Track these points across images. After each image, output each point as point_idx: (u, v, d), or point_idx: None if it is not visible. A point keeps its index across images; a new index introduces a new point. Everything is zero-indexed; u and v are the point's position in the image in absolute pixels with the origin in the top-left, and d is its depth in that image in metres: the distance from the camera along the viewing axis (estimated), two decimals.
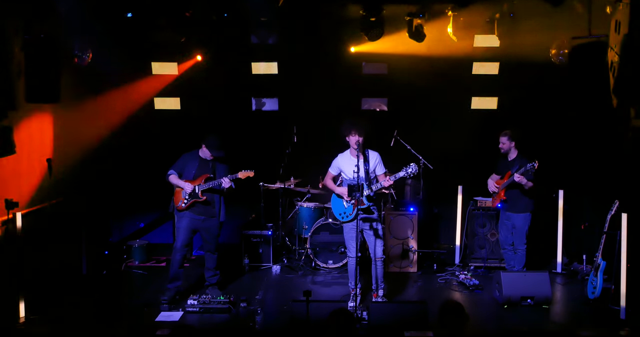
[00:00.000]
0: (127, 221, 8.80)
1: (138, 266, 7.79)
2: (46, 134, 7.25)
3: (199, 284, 6.78)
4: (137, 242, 8.07)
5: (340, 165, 6.13)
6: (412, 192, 8.09)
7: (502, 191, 6.78)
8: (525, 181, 6.44)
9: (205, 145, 6.30)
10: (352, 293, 6.13)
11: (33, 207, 6.58)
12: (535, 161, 6.22)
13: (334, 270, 7.51)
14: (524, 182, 6.44)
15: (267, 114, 8.81)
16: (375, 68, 8.53)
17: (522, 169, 6.40)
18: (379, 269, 6.10)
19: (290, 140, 7.80)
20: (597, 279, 6.11)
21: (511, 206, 6.77)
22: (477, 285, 6.83)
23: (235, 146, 6.61)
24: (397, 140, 7.65)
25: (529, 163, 6.28)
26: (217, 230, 6.43)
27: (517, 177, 6.44)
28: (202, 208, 6.32)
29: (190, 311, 5.95)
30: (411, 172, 5.71)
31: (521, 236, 6.76)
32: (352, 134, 5.88)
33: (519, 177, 6.44)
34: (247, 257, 7.65)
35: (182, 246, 6.33)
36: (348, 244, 6.14)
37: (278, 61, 8.40)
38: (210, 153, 6.31)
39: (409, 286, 7.05)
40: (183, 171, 6.36)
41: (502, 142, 6.76)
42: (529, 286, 6.19)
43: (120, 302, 6.37)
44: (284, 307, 6.13)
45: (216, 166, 6.39)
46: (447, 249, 8.08)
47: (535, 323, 5.84)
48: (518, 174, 6.44)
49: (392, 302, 6.19)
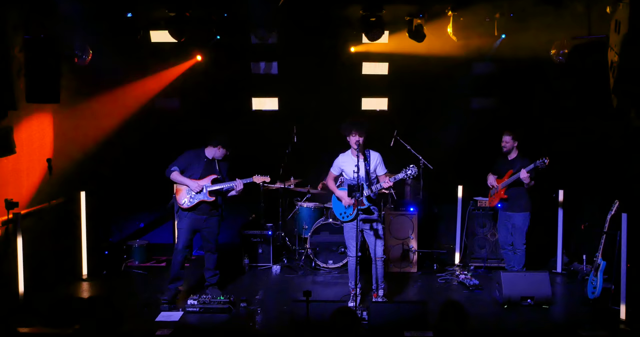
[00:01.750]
0: (127, 221, 8.79)
1: (138, 266, 7.79)
2: (46, 134, 7.26)
3: (199, 284, 6.78)
4: (137, 242, 8.07)
5: (342, 164, 6.12)
6: (412, 192, 8.09)
7: (502, 190, 6.77)
8: (528, 179, 6.41)
9: (222, 144, 6.25)
10: (352, 293, 6.13)
11: (33, 207, 6.58)
12: (546, 158, 6.21)
13: (334, 270, 7.51)
14: (528, 180, 6.42)
15: (267, 114, 8.81)
16: (375, 68, 8.53)
17: (531, 165, 6.36)
18: (379, 269, 6.10)
19: (290, 140, 7.80)
20: (597, 279, 6.11)
21: (511, 205, 6.77)
22: (477, 285, 6.83)
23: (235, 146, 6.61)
24: (397, 141, 7.65)
25: (538, 160, 6.26)
26: (217, 229, 6.42)
27: (524, 173, 6.40)
28: (206, 207, 6.28)
29: (190, 311, 5.95)
30: (411, 174, 5.72)
31: (521, 236, 6.76)
32: (353, 134, 5.87)
33: (525, 174, 6.40)
34: (247, 257, 7.66)
35: (184, 247, 6.31)
36: (348, 244, 6.14)
37: (278, 61, 8.41)
38: (226, 151, 6.28)
39: (409, 286, 7.05)
40: (187, 169, 6.28)
41: (505, 140, 6.74)
42: (529, 286, 6.18)
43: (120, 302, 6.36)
44: (284, 307, 6.14)
45: (220, 165, 6.38)
46: (447, 249, 8.08)
47: (535, 323, 5.84)
48: (526, 170, 6.41)
49: (392, 302, 6.18)
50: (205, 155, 6.34)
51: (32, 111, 6.76)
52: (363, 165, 5.79)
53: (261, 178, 6.25)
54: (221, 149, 6.29)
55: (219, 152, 6.30)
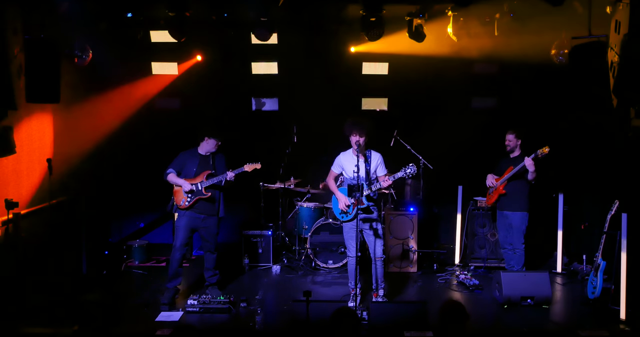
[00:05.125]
0: (127, 221, 8.81)
1: (138, 266, 7.79)
2: (46, 134, 7.26)
3: (199, 284, 6.78)
4: (137, 242, 8.08)
5: (342, 163, 6.12)
6: (412, 192, 8.09)
7: (501, 185, 6.75)
8: (533, 166, 6.40)
9: (208, 135, 6.25)
10: (352, 293, 6.13)
11: (33, 207, 6.58)
12: (546, 146, 6.25)
13: (334, 270, 7.52)
14: (533, 168, 6.41)
15: (267, 114, 8.81)
16: (375, 68, 8.53)
17: (532, 155, 6.38)
18: (379, 268, 6.10)
19: (290, 140, 7.80)
20: (597, 279, 6.11)
21: (508, 203, 6.77)
22: (477, 285, 6.83)
23: (235, 146, 6.61)
24: (397, 141, 7.65)
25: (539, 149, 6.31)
26: (216, 228, 6.42)
27: (529, 161, 6.40)
28: (204, 205, 6.29)
29: (190, 311, 5.95)
30: (410, 172, 5.71)
31: (519, 236, 6.76)
32: (353, 134, 5.88)
33: (530, 161, 6.40)
34: (247, 257, 7.66)
35: (182, 245, 6.32)
36: (348, 244, 6.14)
37: (278, 61, 8.41)
38: (217, 140, 6.26)
39: (409, 286, 7.05)
40: (182, 169, 6.33)
41: (508, 139, 6.75)
42: (529, 286, 6.19)
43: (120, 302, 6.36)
44: (284, 307, 6.14)
45: (215, 160, 6.38)
46: (447, 249, 8.08)
47: (535, 323, 5.84)
48: (530, 158, 6.40)
49: (392, 302, 6.19)
50: (198, 153, 6.36)
51: (32, 111, 6.75)
52: (363, 166, 5.80)
53: (252, 166, 6.25)
54: (210, 139, 6.28)
55: (210, 144, 6.29)
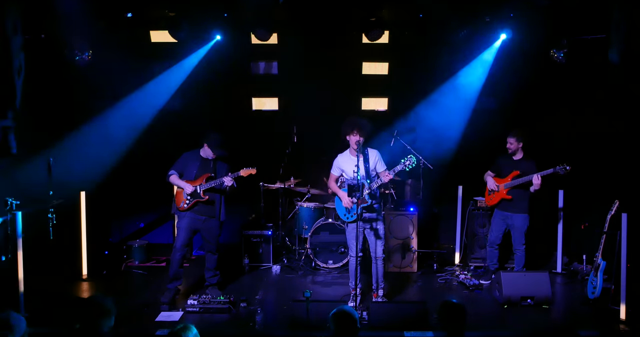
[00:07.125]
0: (127, 221, 8.80)
1: (138, 266, 7.79)
2: None
3: (199, 284, 6.78)
4: (137, 242, 8.07)
5: (341, 165, 6.11)
6: (412, 192, 8.09)
7: (506, 190, 6.70)
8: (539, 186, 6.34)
9: (208, 144, 6.28)
10: (352, 293, 6.13)
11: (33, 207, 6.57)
12: (568, 165, 6.17)
13: (334, 270, 7.51)
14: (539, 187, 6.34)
15: (267, 114, 8.81)
16: (375, 68, 8.53)
17: (549, 170, 6.29)
18: (379, 268, 6.10)
19: (290, 140, 7.80)
20: (597, 279, 6.11)
21: (513, 205, 6.72)
22: (477, 285, 6.83)
23: (235, 146, 6.61)
24: (397, 140, 7.65)
25: (558, 166, 6.22)
26: (217, 230, 6.43)
27: (538, 179, 6.34)
28: (204, 208, 6.31)
29: (190, 311, 5.95)
30: (409, 164, 5.67)
31: (520, 237, 6.74)
32: (354, 133, 5.86)
33: (538, 180, 6.33)
34: (247, 257, 7.65)
35: (182, 245, 6.32)
36: (350, 243, 6.14)
37: (278, 61, 8.41)
38: (213, 152, 6.29)
39: (409, 286, 7.05)
40: (184, 170, 6.34)
41: (510, 142, 6.69)
42: (529, 286, 6.19)
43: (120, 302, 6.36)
44: (284, 307, 6.14)
45: (217, 165, 6.38)
46: (447, 249, 8.08)
47: (535, 323, 5.84)
48: (541, 174, 6.33)
49: (392, 302, 6.19)
50: (200, 155, 6.37)
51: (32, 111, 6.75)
52: (363, 165, 5.79)
53: (247, 171, 6.26)
54: (207, 148, 6.30)
55: (208, 152, 6.31)
